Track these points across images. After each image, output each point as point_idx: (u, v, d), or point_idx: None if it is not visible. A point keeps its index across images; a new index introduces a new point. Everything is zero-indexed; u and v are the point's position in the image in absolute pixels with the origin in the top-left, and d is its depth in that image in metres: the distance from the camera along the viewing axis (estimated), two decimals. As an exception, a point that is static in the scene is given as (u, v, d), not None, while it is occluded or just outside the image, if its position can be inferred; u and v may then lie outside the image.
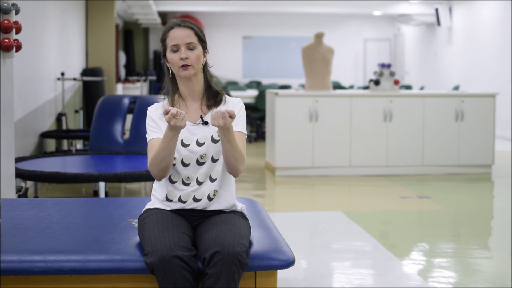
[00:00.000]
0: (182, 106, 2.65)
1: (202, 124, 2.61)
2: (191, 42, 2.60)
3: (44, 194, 6.30)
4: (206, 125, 2.61)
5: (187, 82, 2.63)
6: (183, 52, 2.58)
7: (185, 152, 2.58)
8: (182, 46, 2.59)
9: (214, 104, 2.65)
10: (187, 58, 2.58)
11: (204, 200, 2.59)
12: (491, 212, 6.23)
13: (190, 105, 2.66)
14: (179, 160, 2.58)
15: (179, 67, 2.59)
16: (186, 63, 2.58)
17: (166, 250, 2.31)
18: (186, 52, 2.58)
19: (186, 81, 2.63)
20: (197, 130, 2.60)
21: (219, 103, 2.66)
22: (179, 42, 2.59)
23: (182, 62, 2.58)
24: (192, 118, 2.63)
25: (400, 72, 18.19)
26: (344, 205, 6.31)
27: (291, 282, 3.89)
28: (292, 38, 18.54)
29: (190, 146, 2.58)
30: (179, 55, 2.58)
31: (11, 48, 3.64)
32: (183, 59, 2.57)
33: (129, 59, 17.55)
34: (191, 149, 2.58)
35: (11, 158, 3.82)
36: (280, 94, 7.73)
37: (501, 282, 3.95)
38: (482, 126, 7.93)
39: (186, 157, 2.58)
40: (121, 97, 6.76)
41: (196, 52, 2.60)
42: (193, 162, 2.58)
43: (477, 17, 14.05)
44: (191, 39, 2.60)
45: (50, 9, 7.71)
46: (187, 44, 2.59)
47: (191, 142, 2.58)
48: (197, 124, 2.62)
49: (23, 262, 2.35)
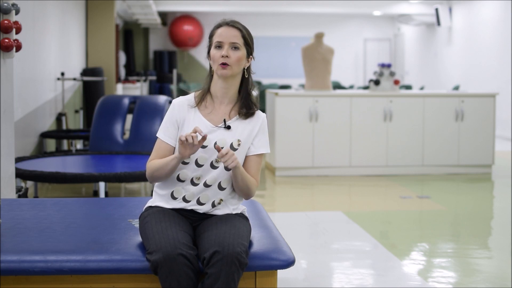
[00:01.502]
0: (209, 105, 2.63)
1: (224, 128, 2.59)
2: (236, 42, 2.58)
3: (44, 194, 6.30)
4: (228, 130, 2.59)
5: (221, 82, 2.61)
6: (225, 50, 2.57)
7: (201, 153, 2.55)
8: (226, 44, 2.58)
9: (244, 114, 2.62)
10: (228, 56, 2.56)
11: (208, 206, 2.58)
12: (491, 212, 6.23)
13: (217, 106, 2.63)
14: (193, 160, 2.56)
15: (219, 64, 2.57)
16: (225, 61, 2.56)
17: (170, 247, 2.30)
18: (228, 50, 2.57)
19: (221, 81, 2.60)
20: (217, 133, 2.58)
21: (249, 116, 2.63)
22: (224, 39, 2.58)
23: (222, 59, 2.56)
24: (215, 119, 2.60)
25: (400, 72, 18.19)
26: (344, 205, 6.31)
27: (291, 282, 3.89)
28: (292, 38, 18.54)
29: (208, 147, 2.55)
30: (221, 53, 2.57)
31: (11, 48, 3.64)
32: (224, 56, 2.56)
33: (129, 59, 17.55)
34: (208, 151, 2.55)
35: (11, 158, 3.82)
36: (280, 94, 7.74)
37: (501, 282, 3.95)
38: (482, 126, 7.93)
39: (201, 158, 2.56)
40: (121, 97, 6.76)
41: (238, 54, 2.59)
42: (207, 164, 2.56)
43: (477, 17, 14.05)
44: (236, 40, 2.59)
45: (50, 9, 7.71)
46: (231, 43, 2.58)
47: (209, 144, 2.55)
48: (218, 127, 2.59)
49: (23, 262, 2.35)
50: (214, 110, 2.62)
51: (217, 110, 2.63)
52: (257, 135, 2.63)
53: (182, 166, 2.57)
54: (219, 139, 2.57)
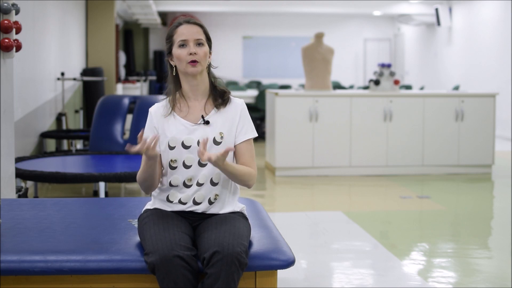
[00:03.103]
0: (184, 106, 2.63)
1: (203, 124, 2.59)
2: (200, 39, 2.58)
3: (44, 194, 6.30)
4: (208, 125, 2.59)
5: (192, 80, 2.60)
6: (192, 47, 2.56)
7: (187, 154, 2.56)
8: (191, 42, 2.57)
9: (221, 103, 2.62)
10: (196, 53, 2.56)
11: (205, 204, 2.59)
12: (491, 212, 6.23)
13: (192, 104, 2.63)
14: (181, 163, 2.56)
15: (187, 62, 2.56)
16: (194, 58, 2.55)
17: (167, 249, 2.30)
18: (195, 47, 2.57)
19: (191, 79, 2.60)
20: (198, 131, 2.58)
21: (226, 102, 2.63)
22: (188, 37, 2.57)
23: (190, 57, 2.55)
24: (193, 118, 2.61)
25: (400, 72, 18.20)
26: (344, 205, 6.31)
27: (291, 282, 3.88)
28: (292, 38, 18.53)
29: (191, 147, 2.56)
30: (188, 50, 2.56)
31: (11, 48, 3.64)
32: (192, 54, 2.55)
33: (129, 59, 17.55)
34: (193, 151, 2.56)
35: (11, 158, 3.82)
36: (280, 94, 7.73)
37: (501, 282, 3.95)
38: (482, 126, 7.93)
39: (188, 159, 2.57)
40: (121, 97, 6.76)
41: (204, 49, 2.58)
42: (195, 164, 2.57)
43: (477, 17, 14.05)
44: (200, 36, 2.59)
45: (50, 9, 7.71)
46: (196, 40, 2.58)
47: (192, 144, 2.56)
48: (198, 124, 2.60)
49: (23, 262, 2.35)
50: (190, 109, 2.62)
51: (193, 108, 2.62)
52: (239, 122, 2.62)
53: (172, 171, 2.58)
54: (201, 136, 2.57)
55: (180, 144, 2.56)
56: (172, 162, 2.57)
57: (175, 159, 2.57)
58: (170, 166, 2.58)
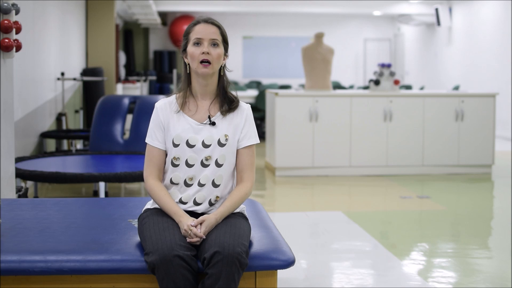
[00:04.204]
0: (192, 104, 2.62)
1: (209, 125, 2.59)
2: (215, 39, 2.57)
3: (44, 194, 6.30)
4: (214, 126, 2.58)
5: (201, 80, 2.59)
6: (206, 47, 2.55)
7: (190, 153, 2.56)
8: (206, 41, 2.56)
9: (228, 110, 2.61)
10: (209, 53, 2.54)
11: (205, 205, 2.58)
12: (491, 212, 6.23)
13: (200, 103, 2.62)
14: (183, 161, 2.56)
15: (199, 62, 2.55)
16: (207, 58, 2.54)
17: (167, 249, 2.30)
18: (209, 47, 2.55)
19: (201, 79, 2.59)
20: (204, 131, 2.57)
21: (234, 110, 2.62)
22: (203, 36, 2.56)
23: (203, 56, 2.54)
24: (200, 117, 2.60)
25: (400, 72, 18.19)
26: (344, 205, 6.31)
27: (291, 282, 3.88)
28: (292, 38, 18.53)
29: (196, 147, 2.55)
30: (201, 49, 2.55)
31: (11, 48, 3.64)
32: (205, 53, 2.54)
33: (129, 59, 17.55)
34: (196, 150, 2.56)
35: (11, 158, 3.82)
36: (280, 94, 7.73)
37: (501, 282, 3.95)
38: (482, 126, 7.93)
39: (191, 158, 2.56)
40: (121, 97, 6.76)
41: (218, 51, 2.57)
42: (197, 163, 2.56)
43: (477, 17, 14.05)
44: (216, 36, 2.58)
45: (50, 9, 7.71)
46: (211, 40, 2.57)
47: (197, 143, 2.56)
48: (204, 124, 2.59)
49: (23, 262, 2.35)
50: (198, 108, 2.61)
51: (200, 107, 2.62)
52: (244, 127, 2.62)
53: (174, 169, 2.58)
54: (206, 136, 2.57)
55: (185, 143, 2.56)
56: (174, 160, 2.57)
57: (178, 156, 2.57)
58: (173, 163, 2.58)
